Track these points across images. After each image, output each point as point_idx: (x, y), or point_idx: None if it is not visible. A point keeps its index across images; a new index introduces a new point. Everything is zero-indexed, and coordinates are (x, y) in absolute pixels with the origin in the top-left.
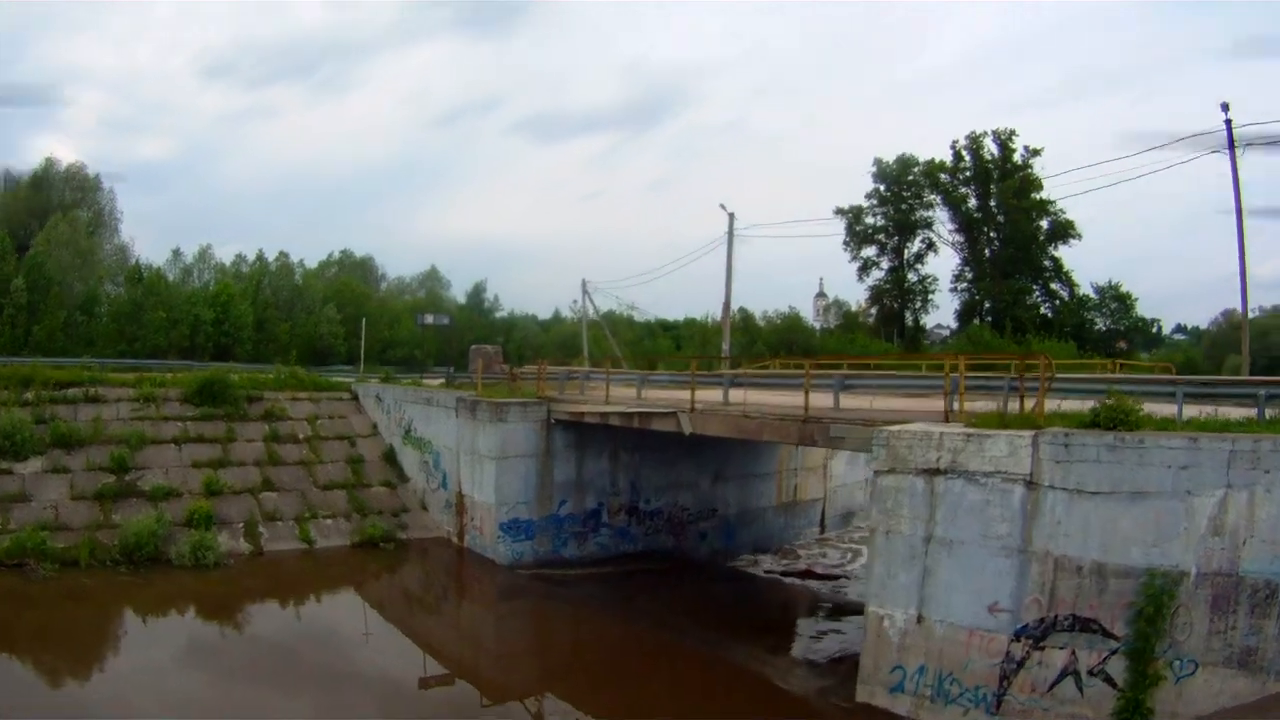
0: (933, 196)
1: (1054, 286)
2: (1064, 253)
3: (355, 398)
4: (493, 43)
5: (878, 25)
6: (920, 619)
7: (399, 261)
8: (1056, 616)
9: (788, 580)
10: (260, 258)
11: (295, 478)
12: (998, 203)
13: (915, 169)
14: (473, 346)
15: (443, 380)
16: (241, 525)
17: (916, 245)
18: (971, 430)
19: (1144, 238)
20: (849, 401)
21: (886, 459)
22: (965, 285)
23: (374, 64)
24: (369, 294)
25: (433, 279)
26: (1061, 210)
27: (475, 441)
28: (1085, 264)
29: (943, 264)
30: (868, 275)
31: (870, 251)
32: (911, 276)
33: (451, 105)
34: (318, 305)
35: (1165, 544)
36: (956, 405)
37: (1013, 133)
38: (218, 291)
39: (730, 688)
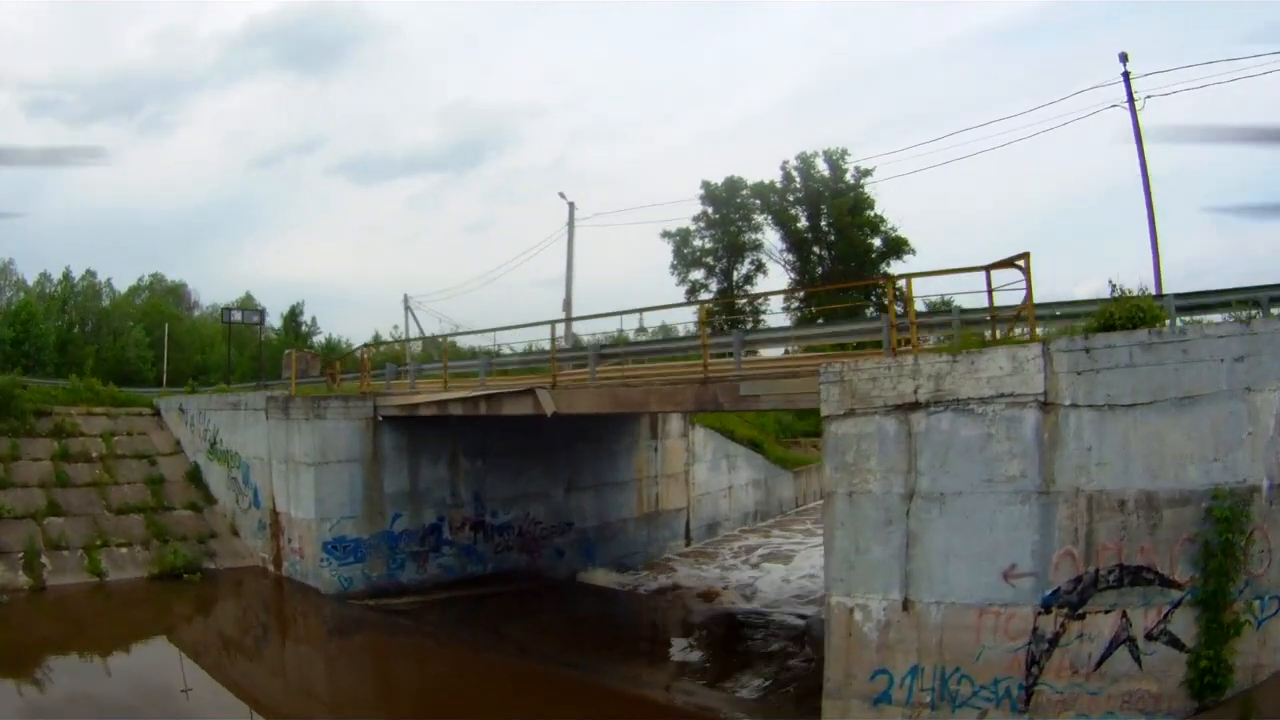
0: (762, 218)
1: (887, 304)
2: (898, 269)
3: (158, 413)
4: (315, 84)
5: (697, 69)
6: (907, 604)
7: (214, 292)
8: (1097, 572)
9: (667, 594)
10: (66, 277)
11: (86, 501)
12: (829, 222)
13: (744, 191)
14: (286, 351)
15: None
16: (20, 555)
17: (746, 267)
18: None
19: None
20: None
21: (841, 399)
22: (798, 304)
23: (198, 103)
24: (179, 316)
25: (247, 305)
26: (894, 228)
27: (290, 446)
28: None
29: (773, 285)
30: (696, 298)
31: (698, 275)
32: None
33: (274, 145)
34: (125, 328)
35: (1228, 455)
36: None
37: (844, 152)
38: (18, 309)
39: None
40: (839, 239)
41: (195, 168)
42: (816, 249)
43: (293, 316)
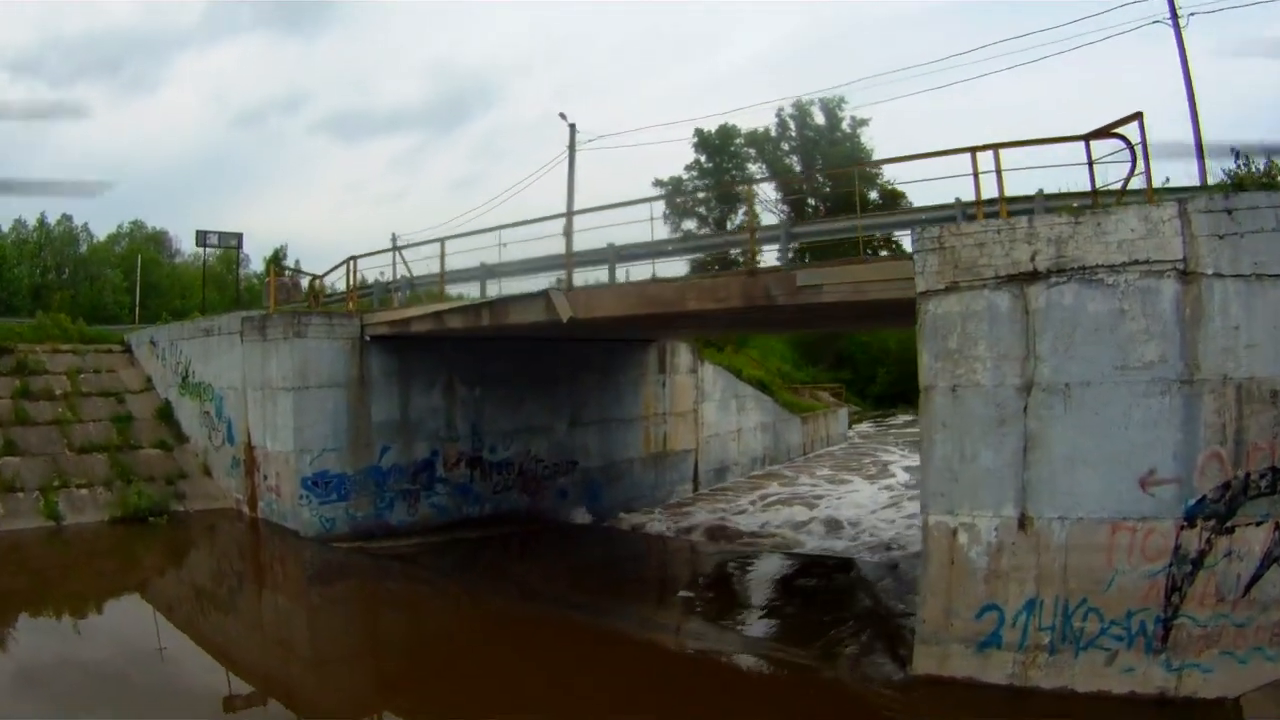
0: (756, 167)
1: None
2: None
3: (129, 349)
4: (298, 41)
5: (681, 22)
6: (1024, 522)
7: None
8: (1248, 476)
9: (681, 537)
10: (41, 223)
11: (45, 440)
12: (823, 170)
13: (738, 139)
14: (266, 280)
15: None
16: None
17: (740, 217)
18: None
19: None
20: None
21: (941, 269)
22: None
23: (181, 61)
24: (159, 261)
25: (231, 256)
26: (890, 180)
27: (266, 371)
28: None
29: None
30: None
31: (691, 224)
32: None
33: (257, 103)
34: (103, 274)
35: None
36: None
37: (841, 100)
38: None
39: (666, 671)
40: (834, 189)
41: (178, 126)
42: (811, 200)
43: (275, 260)
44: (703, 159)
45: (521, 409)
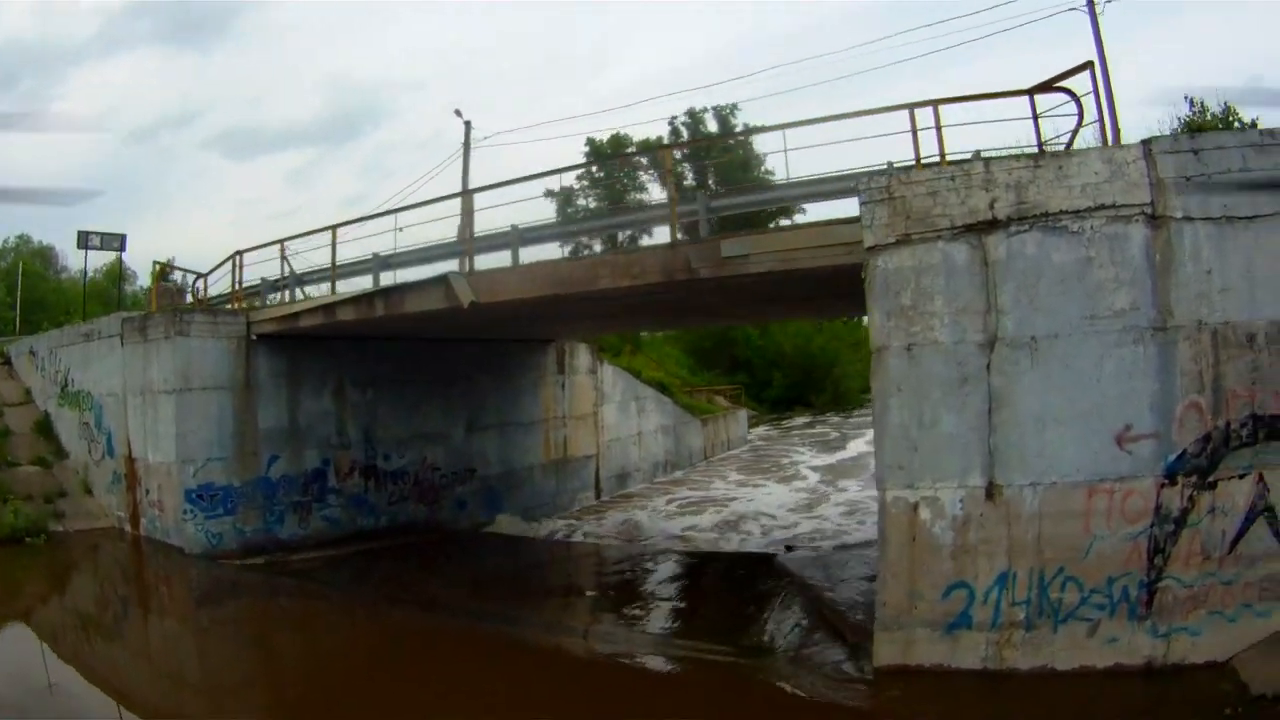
0: (648, 175)
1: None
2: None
3: (8, 361)
4: (193, 56)
5: (575, 42)
6: (992, 491)
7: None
8: (1228, 425)
9: (585, 543)
10: None
11: None
12: (717, 179)
13: (630, 147)
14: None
15: None
16: None
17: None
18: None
19: None
20: None
21: (891, 221)
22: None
23: (76, 76)
24: (43, 275)
25: (115, 271)
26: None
27: (148, 374)
28: None
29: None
30: (579, 255)
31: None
32: None
33: (150, 119)
34: None
35: None
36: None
37: (734, 107)
38: None
39: (578, 678)
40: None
41: (71, 142)
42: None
43: (163, 275)
44: (594, 169)
45: (417, 413)
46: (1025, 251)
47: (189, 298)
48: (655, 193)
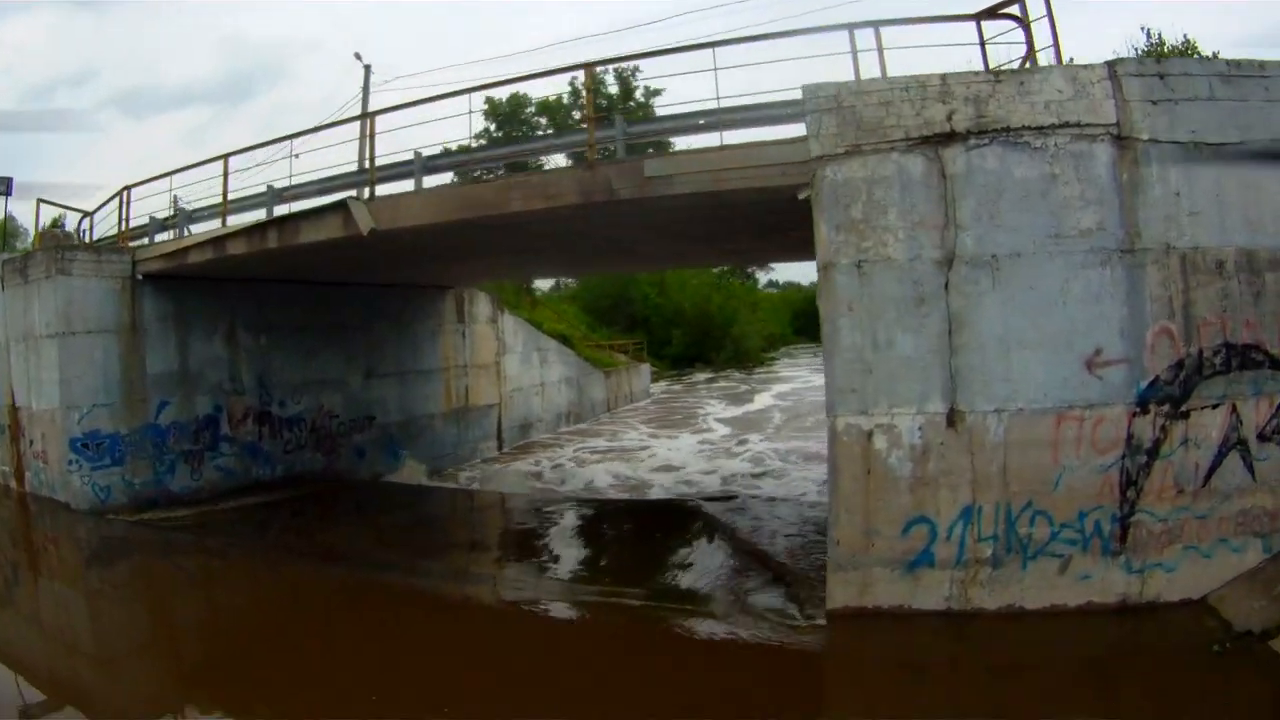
0: (548, 133)
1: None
2: None
3: None
4: (90, 15)
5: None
6: (954, 417)
7: None
8: (1201, 353)
9: (490, 492)
10: None
11: None
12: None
13: (529, 108)
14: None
15: None
16: None
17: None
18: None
19: None
20: None
21: (841, 131)
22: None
23: None
24: None
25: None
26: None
27: (29, 318)
28: None
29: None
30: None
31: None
32: None
33: (45, 79)
34: None
35: None
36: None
37: (635, 69)
38: None
39: (507, 630)
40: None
41: None
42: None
43: (53, 229)
44: (492, 127)
45: (313, 360)
46: (985, 166)
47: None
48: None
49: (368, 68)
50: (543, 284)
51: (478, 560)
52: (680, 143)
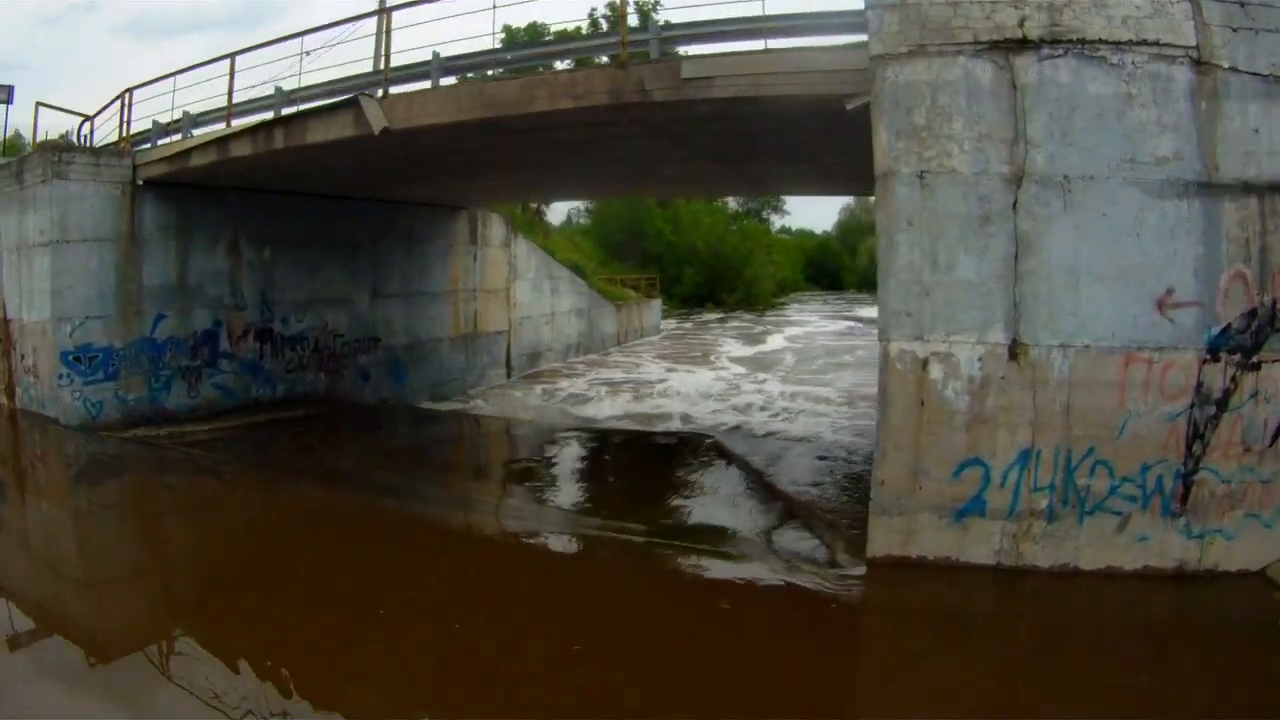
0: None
1: None
2: None
3: None
4: None
5: None
6: (1016, 350)
7: None
8: (1275, 303)
9: (518, 418)
10: None
11: None
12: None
13: (548, 37)
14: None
15: None
16: None
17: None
18: None
19: None
20: None
21: (903, 30)
22: None
23: None
24: None
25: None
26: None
27: (24, 226)
28: None
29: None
30: None
31: None
32: None
33: (59, 3)
34: None
35: None
36: None
37: (657, 3)
38: None
39: (512, 564)
40: None
41: None
42: None
43: (59, 141)
44: (509, 56)
45: (317, 277)
46: (1059, 79)
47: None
48: None
49: None
50: (556, 215)
51: (481, 487)
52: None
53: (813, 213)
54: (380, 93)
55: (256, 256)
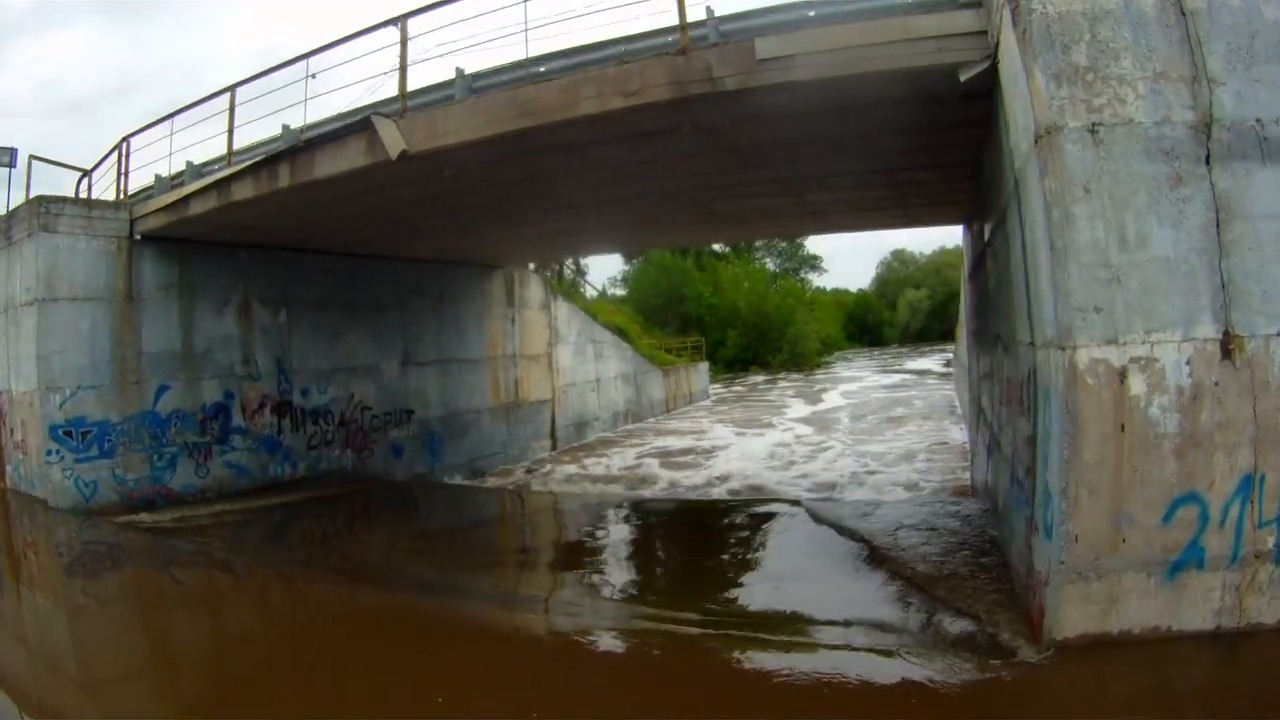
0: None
1: None
2: None
3: None
4: (132, 29)
5: None
6: (1229, 345)
7: None
8: None
9: (547, 492)
10: None
11: None
12: None
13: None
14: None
15: None
16: None
17: None
18: None
19: None
20: None
21: None
22: None
23: (13, 49)
24: None
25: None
26: None
27: (10, 285)
28: None
29: None
30: None
31: None
32: None
33: (88, 91)
34: None
35: None
36: None
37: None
38: None
39: (583, 674)
40: None
41: (8, 116)
42: None
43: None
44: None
45: (340, 343)
46: (1230, 2)
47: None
48: None
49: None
50: (590, 288)
51: (530, 579)
52: None
53: (848, 269)
54: (401, 109)
55: (271, 320)
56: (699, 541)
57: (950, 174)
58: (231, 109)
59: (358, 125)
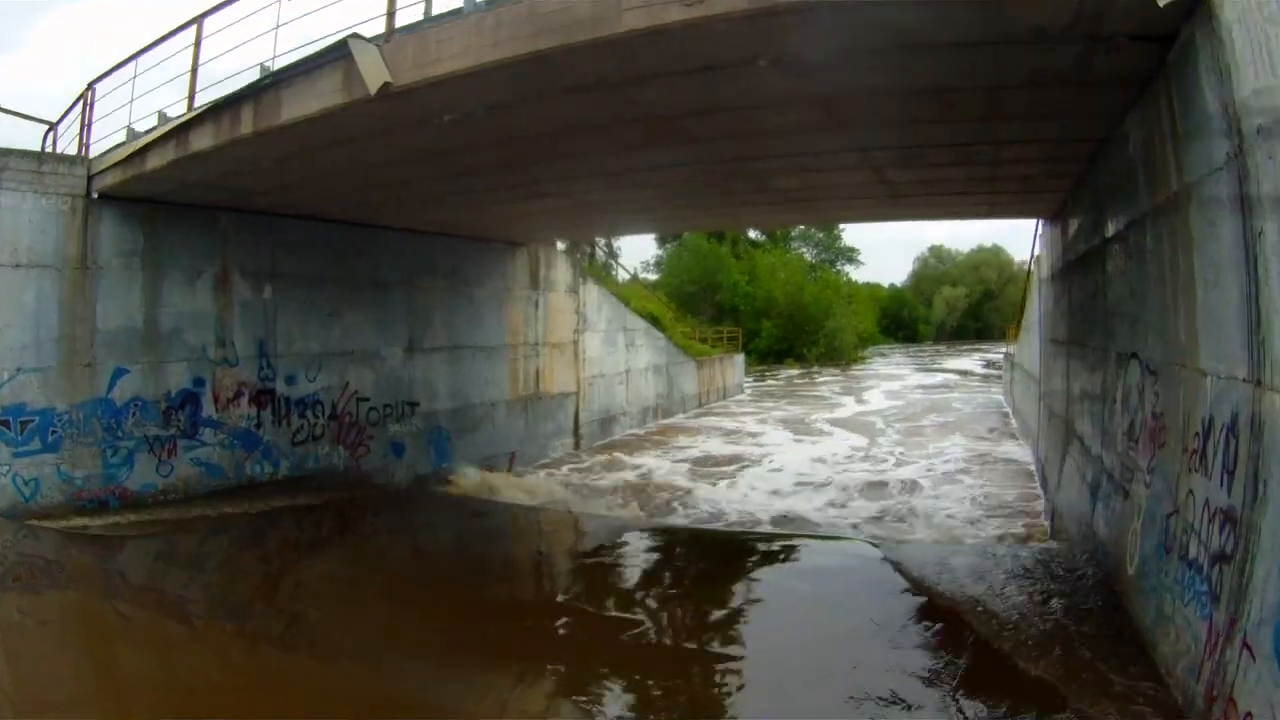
0: None
1: None
2: None
3: None
4: None
5: None
6: None
7: None
8: None
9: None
10: None
11: None
12: None
13: None
14: None
15: None
16: None
17: None
18: None
19: None
20: None
21: None
22: None
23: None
24: None
25: None
26: None
27: None
28: None
29: None
30: None
31: None
32: None
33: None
34: None
35: None
36: None
37: None
38: None
39: None
40: None
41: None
42: None
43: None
44: None
45: (335, 324)
46: None
47: None
48: None
49: None
50: (622, 271)
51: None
52: None
53: (882, 263)
54: (386, 30)
55: (253, 295)
56: (775, 604)
57: (1063, 152)
58: (197, 42)
59: (333, 52)
